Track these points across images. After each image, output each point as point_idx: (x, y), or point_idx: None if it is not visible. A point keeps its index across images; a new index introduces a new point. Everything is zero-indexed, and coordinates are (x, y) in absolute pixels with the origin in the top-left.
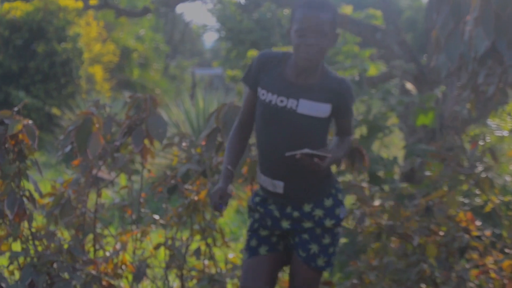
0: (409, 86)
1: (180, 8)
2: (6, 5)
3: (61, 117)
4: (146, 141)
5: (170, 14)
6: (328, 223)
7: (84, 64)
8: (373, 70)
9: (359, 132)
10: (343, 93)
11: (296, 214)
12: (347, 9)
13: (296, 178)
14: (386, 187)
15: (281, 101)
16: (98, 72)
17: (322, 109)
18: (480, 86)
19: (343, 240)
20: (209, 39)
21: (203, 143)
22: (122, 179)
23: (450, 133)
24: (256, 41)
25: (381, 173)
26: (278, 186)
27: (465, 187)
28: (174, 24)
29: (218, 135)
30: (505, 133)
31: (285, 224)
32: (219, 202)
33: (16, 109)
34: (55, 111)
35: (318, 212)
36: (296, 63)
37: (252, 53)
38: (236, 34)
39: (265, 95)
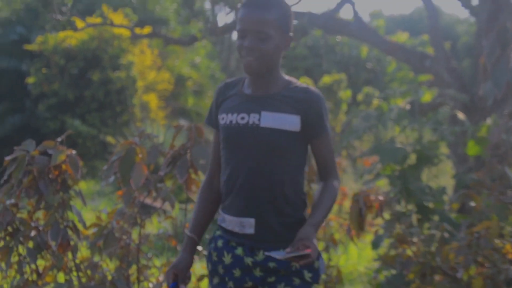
0: (459, 115)
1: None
2: (61, 34)
3: (116, 145)
4: (191, 171)
5: (226, 41)
6: (307, 275)
7: (139, 92)
8: (427, 97)
9: (408, 161)
10: (312, 103)
11: (271, 264)
12: (403, 36)
13: (270, 212)
14: (435, 218)
15: (242, 118)
16: (152, 100)
17: (288, 121)
18: None
19: (391, 272)
20: None
21: None
22: (177, 208)
23: (495, 162)
24: (309, 68)
25: (430, 203)
26: (248, 225)
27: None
28: (230, 51)
29: None
30: None
31: (258, 273)
32: (174, 281)
33: (59, 139)
34: (109, 139)
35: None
36: (244, 70)
37: (305, 80)
38: (290, 61)
39: (224, 118)
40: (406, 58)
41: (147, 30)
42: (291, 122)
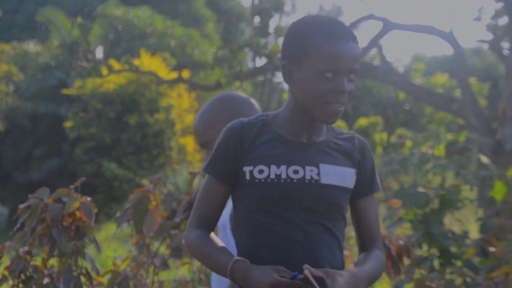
0: (483, 158)
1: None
2: (99, 80)
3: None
4: None
5: (268, 84)
6: None
7: (176, 135)
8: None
9: (431, 205)
10: (366, 154)
11: None
12: (442, 78)
13: None
14: (457, 263)
15: (295, 172)
16: (189, 143)
17: (348, 176)
18: None
19: None
20: None
21: None
22: None
23: None
24: (346, 110)
25: (453, 248)
26: None
27: None
28: (270, 93)
29: None
30: None
31: None
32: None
33: (72, 187)
34: (145, 182)
35: None
36: (313, 120)
37: (339, 123)
38: None
39: (264, 171)
40: (433, 102)
41: (185, 74)
42: (350, 176)
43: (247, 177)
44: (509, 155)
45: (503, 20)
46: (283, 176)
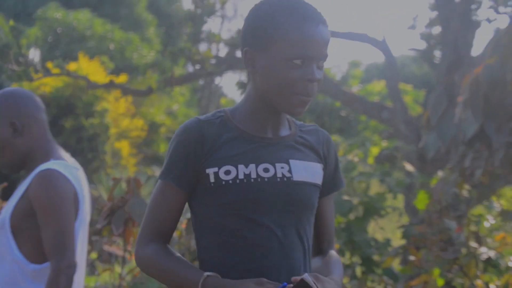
0: (407, 166)
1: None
2: (36, 83)
3: None
4: (129, 224)
5: (207, 89)
6: None
7: (111, 139)
8: (375, 150)
9: (355, 213)
10: (331, 147)
11: None
12: (379, 85)
13: None
14: (379, 271)
15: (266, 170)
16: (124, 147)
17: (317, 172)
18: (467, 169)
19: None
20: None
21: (183, 226)
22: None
23: (436, 216)
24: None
25: (375, 256)
26: None
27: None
28: (210, 98)
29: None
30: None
31: None
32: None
33: None
34: None
35: None
36: (278, 112)
37: None
38: None
39: (231, 172)
40: (364, 109)
41: (122, 78)
42: (319, 173)
43: (212, 179)
44: (433, 163)
45: (437, 29)
46: (253, 175)
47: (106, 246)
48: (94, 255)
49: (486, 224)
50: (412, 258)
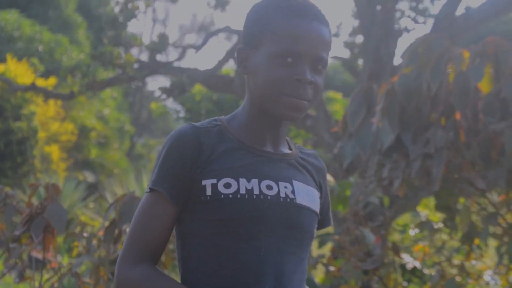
0: (328, 176)
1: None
2: None
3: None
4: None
5: (139, 94)
6: None
7: (40, 143)
8: None
9: None
10: (326, 179)
11: None
12: None
13: None
14: None
15: (269, 188)
16: (54, 151)
17: (316, 199)
18: (384, 179)
19: None
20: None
21: (100, 233)
22: (65, 260)
23: (353, 225)
24: None
25: None
26: None
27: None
28: (142, 103)
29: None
30: (436, 225)
31: None
32: None
33: None
34: (8, 190)
35: None
36: (275, 122)
37: None
38: (195, 115)
39: (232, 185)
40: None
41: (51, 81)
42: (317, 201)
43: (208, 192)
44: (347, 171)
45: (360, 38)
46: (255, 191)
47: (34, 252)
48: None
49: (411, 233)
50: (331, 268)
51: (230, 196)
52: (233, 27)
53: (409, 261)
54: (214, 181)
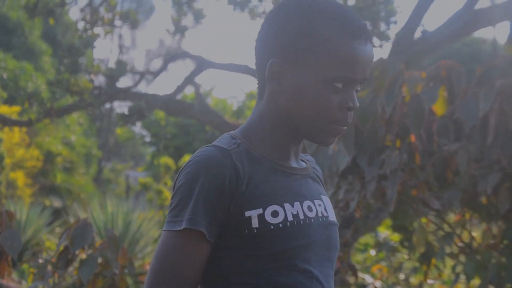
0: None
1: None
2: None
3: None
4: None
5: (106, 119)
6: None
7: (5, 169)
8: None
9: None
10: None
11: None
12: None
13: None
14: None
15: (310, 209)
16: (20, 177)
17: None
18: (341, 201)
19: None
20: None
21: (53, 260)
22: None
23: None
24: (180, 146)
25: None
26: None
27: None
28: (109, 128)
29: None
30: (395, 245)
31: None
32: None
33: None
34: None
35: None
36: (299, 139)
37: (166, 159)
38: (161, 140)
39: (279, 213)
40: None
41: (16, 108)
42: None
43: (255, 224)
44: None
45: None
46: (301, 216)
47: None
48: None
49: (372, 253)
50: None
51: (280, 225)
52: (197, 52)
53: (370, 281)
54: (260, 210)
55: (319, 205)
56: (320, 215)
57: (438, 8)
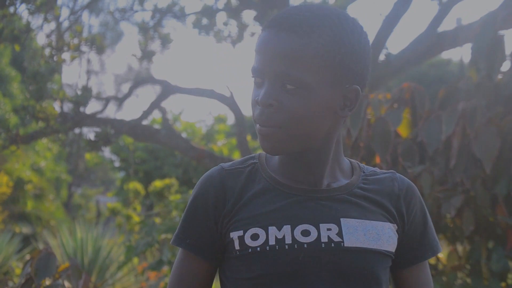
0: None
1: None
2: None
3: None
4: None
5: (76, 144)
6: None
7: None
8: None
9: None
10: (412, 201)
11: None
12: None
13: None
14: None
15: (306, 234)
16: None
17: (385, 234)
18: None
19: None
20: None
21: None
22: None
23: None
24: (149, 171)
25: None
26: None
27: None
28: (78, 153)
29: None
30: None
31: None
32: None
33: None
34: None
35: None
36: (316, 156)
37: (135, 184)
38: (130, 164)
39: (260, 236)
40: (215, 165)
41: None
42: (387, 236)
43: (237, 246)
44: None
45: None
46: (287, 240)
47: None
48: None
49: None
50: None
51: (258, 249)
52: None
53: None
54: (241, 232)
55: (328, 229)
56: (324, 240)
57: (402, 31)
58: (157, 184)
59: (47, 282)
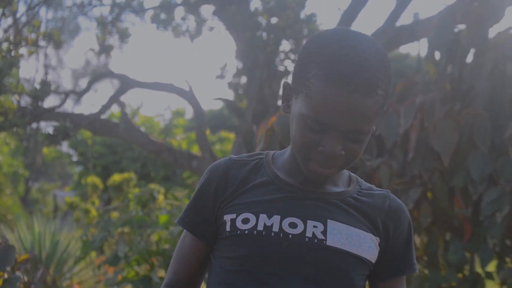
0: None
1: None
2: None
3: None
4: None
5: (33, 138)
6: None
7: None
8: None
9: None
10: (402, 221)
11: None
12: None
13: None
14: None
15: (292, 226)
16: None
17: (366, 243)
18: None
19: None
20: None
21: None
22: None
23: None
24: (107, 165)
25: None
26: None
27: None
28: (36, 148)
29: None
30: None
31: None
32: None
33: None
34: None
35: None
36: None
37: (93, 178)
38: (88, 159)
39: (250, 221)
40: (174, 159)
41: None
42: (368, 246)
43: (227, 227)
44: None
45: (244, 79)
46: (275, 228)
47: None
48: None
49: None
50: None
51: (246, 232)
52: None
53: None
54: (234, 215)
55: (314, 226)
56: (308, 235)
57: (361, 26)
58: (116, 178)
59: (6, 275)
